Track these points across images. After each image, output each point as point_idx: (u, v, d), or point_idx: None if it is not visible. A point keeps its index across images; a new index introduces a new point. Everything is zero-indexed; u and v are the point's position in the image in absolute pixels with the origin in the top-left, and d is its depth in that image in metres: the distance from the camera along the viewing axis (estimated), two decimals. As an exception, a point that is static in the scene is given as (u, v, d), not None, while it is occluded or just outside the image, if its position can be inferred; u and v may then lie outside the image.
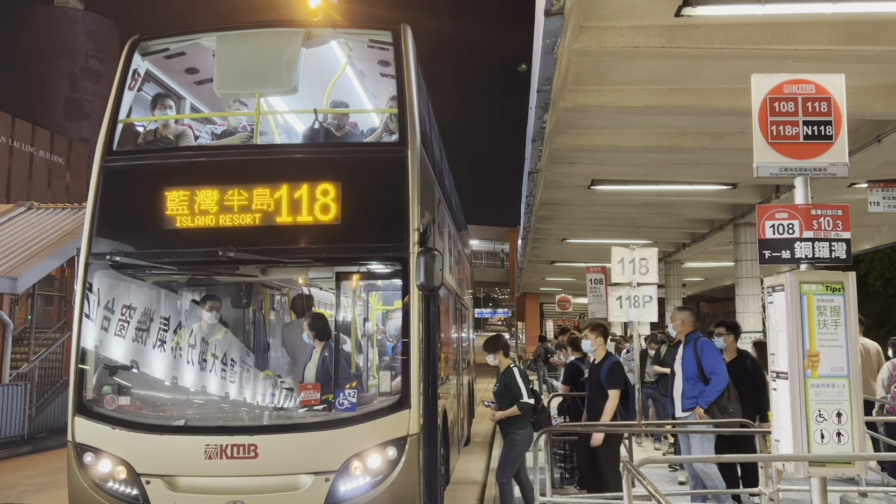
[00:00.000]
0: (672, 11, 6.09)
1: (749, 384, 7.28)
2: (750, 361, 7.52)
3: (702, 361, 6.92)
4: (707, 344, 7.09)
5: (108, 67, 48.70)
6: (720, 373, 6.86)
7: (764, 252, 4.03)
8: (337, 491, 5.53)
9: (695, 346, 6.98)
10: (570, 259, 23.77)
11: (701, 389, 6.91)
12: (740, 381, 7.24)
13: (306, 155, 6.70)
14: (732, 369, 7.29)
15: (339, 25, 7.41)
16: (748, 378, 7.32)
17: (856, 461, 3.86)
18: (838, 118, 4.05)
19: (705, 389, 6.88)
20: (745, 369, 7.38)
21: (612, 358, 7.28)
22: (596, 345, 7.33)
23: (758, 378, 7.33)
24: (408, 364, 5.78)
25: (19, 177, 39.27)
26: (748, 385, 7.27)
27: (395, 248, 5.94)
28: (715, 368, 6.88)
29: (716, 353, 7.08)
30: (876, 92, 8.20)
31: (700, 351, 6.96)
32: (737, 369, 7.33)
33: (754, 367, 7.45)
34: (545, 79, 7.05)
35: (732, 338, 7.57)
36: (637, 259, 7.37)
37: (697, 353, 6.95)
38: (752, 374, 7.37)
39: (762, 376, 7.29)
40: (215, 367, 6.46)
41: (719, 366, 6.91)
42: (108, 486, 5.70)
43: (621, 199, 14.46)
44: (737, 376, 7.24)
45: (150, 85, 7.40)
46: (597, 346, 7.33)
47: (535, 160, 10.37)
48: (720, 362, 6.97)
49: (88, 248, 6.15)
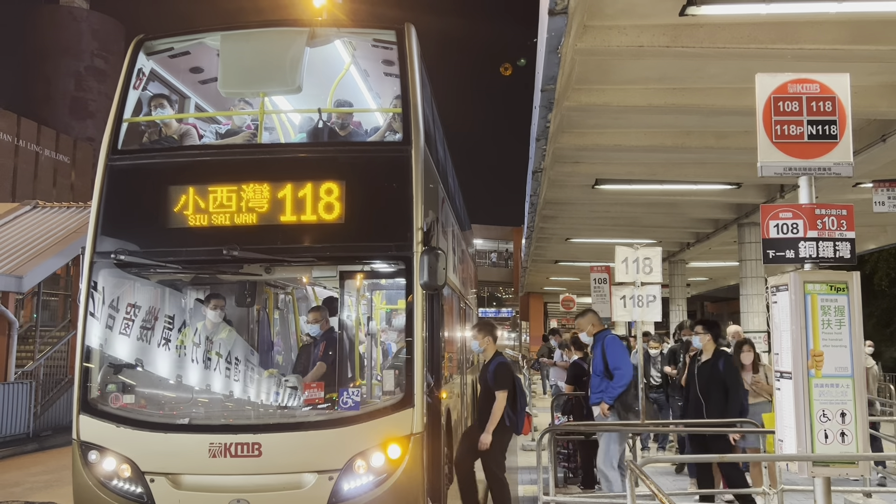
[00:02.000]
0: (676, 10, 6.08)
1: (718, 386, 7.15)
2: (724, 362, 7.31)
3: (607, 357, 7.03)
4: (613, 341, 7.17)
5: (114, 67, 48.80)
6: (623, 368, 6.95)
7: (768, 252, 4.03)
8: (340, 489, 5.53)
9: (602, 344, 7.13)
10: (574, 258, 23.75)
11: (607, 385, 7.05)
12: (710, 383, 7.21)
13: (310, 154, 6.71)
14: (703, 370, 7.33)
15: (343, 25, 7.43)
16: (718, 380, 7.17)
17: (860, 461, 3.85)
18: (843, 118, 4.04)
19: (609, 385, 7.01)
20: (716, 371, 7.22)
21: (499, 358, 7.05)
22: (484, 344, 7.10)
23: (729, 381, 7.15)
24: (411, 363, 5.79)
25: (25, 176, 39.41)
26: (717, 387, 7.15)
27: (398, 248, 5.94)
28: (618, 364, 6.97)
29: (620, 349, 7.12)
30: (881, 91, 8.18)
31: (606, 347, 7.08)
32: (706, 370, 7.30)
33: (727, 369, 7.25)
34: (549, 78, 7.04)
35: (709, 337, 7.39)
36: (641, 258, 7.35)
37: (604, 349, 7.08)
38: (722, 376, 7.18)
39: (736, 380, 7.18)
40: (219, 366, 6.48)
41: (623, 362, 6.98)
42: (112, 483, 5.72)
43: (625, 199, 14.45)
44: (707, 378, 7.25)
45: (154, 84, 7.42)
46: (485, 345, 7.10)
47: (539, 159, 10.36)
48: (624, 359, 7.04)
49: (93, 247, 6.17)
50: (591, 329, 7.46)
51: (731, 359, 7.51)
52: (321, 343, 6.80)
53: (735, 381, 7.19)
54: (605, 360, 7.08)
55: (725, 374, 7.17)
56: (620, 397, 7.06)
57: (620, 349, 7.16)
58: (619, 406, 7.08)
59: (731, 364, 7.34)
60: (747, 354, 7.78)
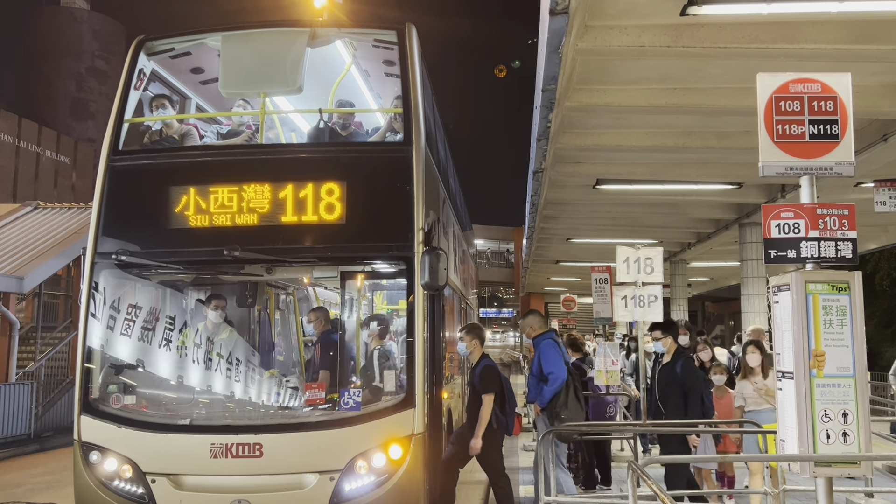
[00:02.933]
0: (677, 10, 6.08)
1: (676, 389, 7.03)
2: (682, 364, 7.09)
3: (542, 361, 6.99)
4: (548, 346, 7.08)
5: (115, 67, 48.76)
6: (556, 373, 6.88)
7: (769, 251, 4.02)
8: (342, 490, 5.53)
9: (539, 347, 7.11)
10: (575, 259, 23.75)
11: (542, 388, 7.04)
12: (668, 386, 7.14)
13: (311, 154, 6.71)
14: (662, 373, 7.27)
15: (343, 25, 7.43)
16: (676, 383, 7.03)
17: (862, 461, 3.84)
18: (844, 117, 4.03)
19: (543, 389, 6.99)
20: (675, 373, 7.07)
21: (486, 361, 7.00)
22: (471, 347, 7.05)
23: (687, 383, 6.97)
24: (412, 363, 5.78)
25: (25, 176, 39.40)
26: (676, 390, 7.03)
27: (399, 248, 5.94)
28: (550, 369, 6.91)
29: (554, 354, 7.02)
30: (882, 91, 8.17)
31: (542, 352, 7.04)
32: (665, 373, 7.22)
33: (684, 371, 7.04)
34: (550, 78, 7.03)
35: (670, 339, 7.24)
36: (642, 258, 7.34)
37: (540, 353, 7.06)
38: (680, 379, 7.01)
39: (693, 383, 6.99)
40: (220, 367, 6.48)
41: (556, 367, 6.90)
42: (113, 484, 5.72)
43: (626, 199, 14.45)
44: (665, 381, 7.19)
45: (155, 85, 7.42)
46: (472, 348, 7.04)
47: (540, 160, 10.35)
48: (556, 364, 6.94)
49: (94, 248, 6.17)
50: (533, 332, 7.33)
51: (691, 361, 7.29)
52: (317, 345, 6.81)
53: (693, 383, 6.98)
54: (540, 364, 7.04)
55: (683, 377, 7.00)
56: (549, 406, 6.96)
57: (555, 354, 7.05)
58: (547, 413, 7.00)
59: (689, 366, 7.12)
60: (753, 356, 7.44)
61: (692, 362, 7.31)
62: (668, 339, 7.26)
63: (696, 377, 7.14)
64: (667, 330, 7.33)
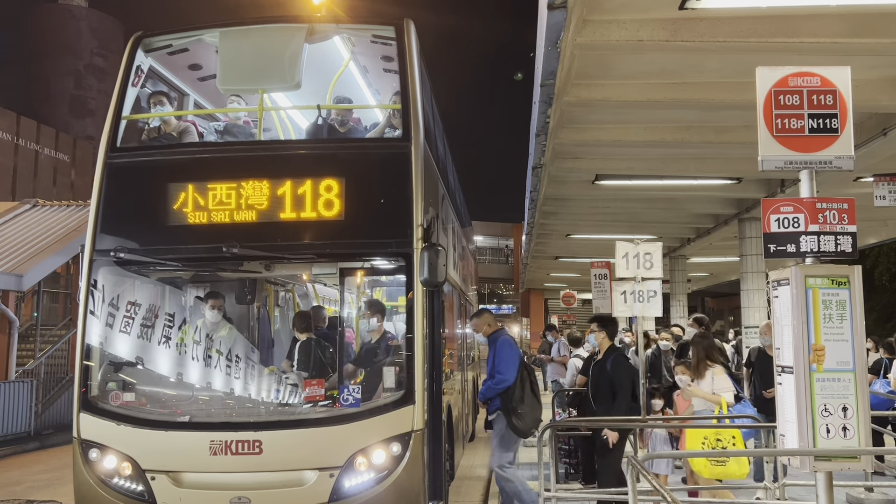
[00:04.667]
0: (676, 4, 6.05)
1: (607, 386, 6.99)
2: (612, 361, 7.05)
3: (496, 360, 7.02)
4: (504, 344, 7.10)
5: (113, 65, 48.67)
6: (503, 372, 6.90)
7: (769, 246, 4.01)
8: (342, 486, 5.53)
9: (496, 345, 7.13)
10: (575, 255, 23.72)
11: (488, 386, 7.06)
12: (599, 383, 7.12)
13: (310, 151, 6.70)
14: (595, 370, 7.25)
15: (341, 21, 7.40)
16: (607, 380, 7.00)
17: (862, 456, 3.84)
18: (844, 111, 4.02)
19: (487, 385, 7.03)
20: (604, 370, 7.05)
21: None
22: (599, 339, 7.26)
23: (616, 380, 6.92)
24: (412, 360, 5.78)
25: (24, 174, 39.39)
26: (606, 387, 7.00)
27: (398, 244, 5.93)
28: (500, 367, 6.94)
29: (510, 353, 7.03)
30: (882, 85, 8.14)
31: (497, 350, 7.07)
32: (597, 370, 7.18)
33: (614, 368, 6.99)
34: (548, 73, 7.01)
35: (604, 335, 7.19)
36: (641, 254, 7.32)
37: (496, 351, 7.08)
38: (610, 375, 6.97)
39: (621, 381, 6.92)
40: (220, 364, 6.48)
41: (506, 367, 6.92)
42: (113, 481, 5.72)
43: (626, 195, 14.41)
44: (597, 378, 7.18)
45: (153, 81, 7.40)
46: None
47: (539, 155, 10.33)
48: (509, 366, 6.94)
49: (93, 245, 6.16)
50: (488, 330, 7.36)
51: (622, 358, 7.23)
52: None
53: (622, 381, 6.93)
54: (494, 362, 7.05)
55: (612, 374, 6.96)
56: (505, 403, 6.94)
57: (511, 354, 7.06)
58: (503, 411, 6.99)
59: (619, 363, 7.07)
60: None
61: (624, 359, 7.23)
62: (602, 335, 7.24)
63: (625, 375, 7.03)
64: (603, 325, 7.30)
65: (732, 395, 7.00)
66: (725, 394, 6.91)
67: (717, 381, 6.98)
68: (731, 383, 7.15)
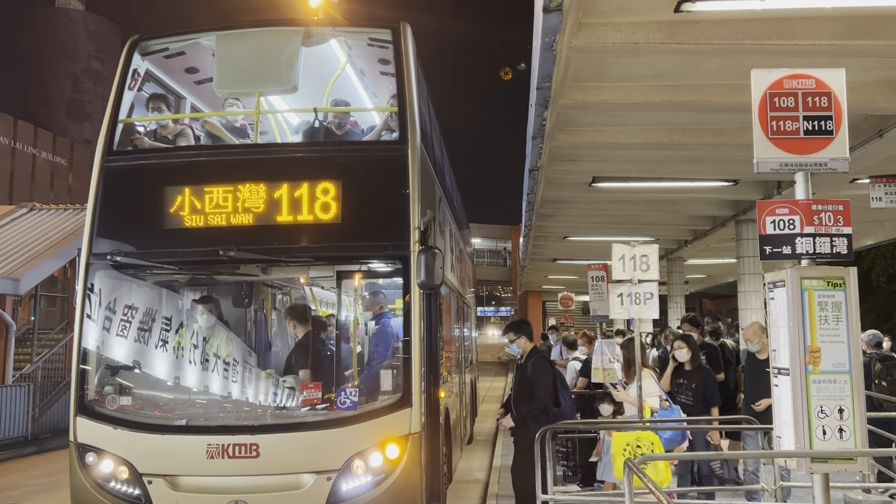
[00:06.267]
0: (671, 7, 6.07)
1: (526, 389, 6.89)
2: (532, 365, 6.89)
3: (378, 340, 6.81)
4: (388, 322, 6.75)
5: (110, 68, 48.63)
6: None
7: (765, 248, 4.01)
8: (339, 490, 5.53)
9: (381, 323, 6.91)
10: (572, 257, 23.75)
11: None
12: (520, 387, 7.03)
13: (307, 154, 6.70)
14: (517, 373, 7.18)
15: (338, 24, 7.41)
16: (526, 383, 6.89)
17: (858, 457, 3.84)
18: (839, 113, 4.03)
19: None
20: (524, 374, 6.95)
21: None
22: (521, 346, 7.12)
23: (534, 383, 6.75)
24: (409, 362, 5.78)
25: (22, 178, 39.32)
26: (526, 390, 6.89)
27: (395, 247, 5.94)
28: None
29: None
30: (877, 87, 8.17)
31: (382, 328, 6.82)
32: (518, 373, 7.09)
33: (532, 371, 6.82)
34: (544, 76, 7.03)
35: (524, 338, 7.06)
36: (638, 256, 7.32)
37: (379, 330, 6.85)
38: (529, 378, 6.86)
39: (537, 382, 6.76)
40: (217, 367, 6.46)
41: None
42: (110, 486, 5.71)
43: (622, 197, 14.43)
44: (518, 381, 7.10)
45: (150, 85, 7.40)
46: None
47: (536, 158, 10.35)
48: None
49: (89, 249, 6.16)
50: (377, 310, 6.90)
51: (542, 360, 7.06)
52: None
53: (538, 382, 6.79)
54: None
55: (531, 377, 6.86)
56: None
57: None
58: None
59: (538, 365, 6.93)
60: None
61: (543, 362, 7.04)
62: (522, 339, 7.09)
63: (542, 376, 6.87)
64: (518, 330, 7.16)
65: (658, 400, 6.96)
66: (650, 398, 6.91)
67: (644, 386, 7.00)
68: (658, 388, 7.10)
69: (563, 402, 6.87)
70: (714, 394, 7.46)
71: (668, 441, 6.78)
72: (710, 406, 7.33)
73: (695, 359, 7.44)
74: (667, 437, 6.72)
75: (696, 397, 7.45)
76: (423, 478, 5.79)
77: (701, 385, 7.43)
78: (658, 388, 7.06)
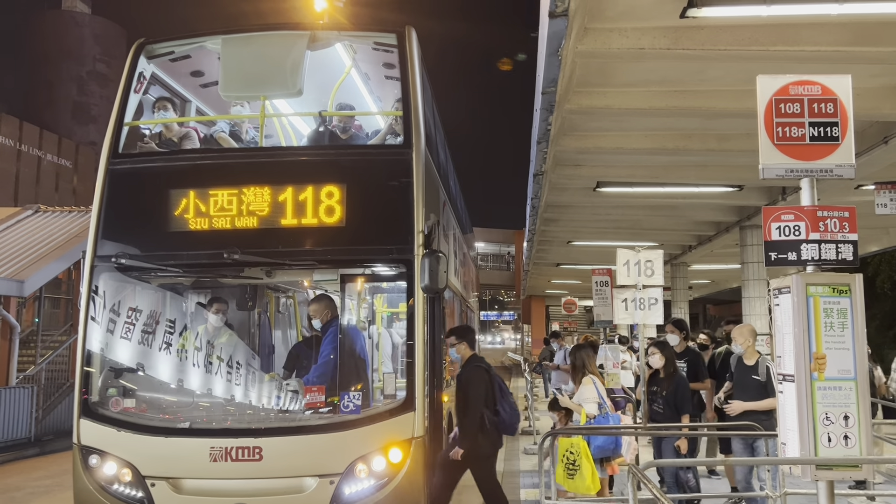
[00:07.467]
0: (677, 13, 6.07)
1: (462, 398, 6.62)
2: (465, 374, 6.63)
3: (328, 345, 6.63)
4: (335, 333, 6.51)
5: (116, 71, 48.60)
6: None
7: (770, 254, 4.00)
8: (342, 493, 5.52)
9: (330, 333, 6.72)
10: (576, 261, 23.73)
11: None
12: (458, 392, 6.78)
13: (311, 157, 6.71)
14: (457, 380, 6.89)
15: (343, 28, 7.43)
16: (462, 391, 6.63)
17: (863, 464, 3.83)
18: (844, 119, 4.02)
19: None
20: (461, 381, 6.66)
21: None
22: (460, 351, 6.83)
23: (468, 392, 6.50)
24: (413, 366, 5.78)
25: (27, 180, 39.42)
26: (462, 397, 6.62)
27: (399, 251, 5.94)
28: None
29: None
30: (883, 93, 8.15)
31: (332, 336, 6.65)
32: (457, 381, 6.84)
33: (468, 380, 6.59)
34: (550, 80, 7.03)
35: (464, 345, 6.78)
36: (643, 261, 7.32)
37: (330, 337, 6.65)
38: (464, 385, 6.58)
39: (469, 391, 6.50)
40: (220, 370, 6.47)
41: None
42: (113, 488, 5.71)
43: (627, 202, 14.43)
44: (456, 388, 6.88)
45: (155, 88, 7.42)
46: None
47: (541, 162, 10.35)
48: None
49: (94, 251, 6.17)
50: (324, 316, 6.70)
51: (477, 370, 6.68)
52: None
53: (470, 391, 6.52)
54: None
55: (465, 384, 6.61)
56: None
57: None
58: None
59: (471, 374, 6.63)
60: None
61: (478, 370, 6.70)
62: (463, 346, 6.79)
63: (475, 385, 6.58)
64: (461, 336, 6.86)
65: (595, 406, 6.90)
66: (587, 404, 6.90)
67: (582, 391, 7.00)
68: (597, 394, 7.00)
69: (501, 410, 6.54)
70: (685, 401, 7.16)
71: (598, 449, 6.73)
72: (680, 414, 7.16)
73: (668, 365, 7.24)
74: (597, 445, 6.72)
75: (667, 405, 7.23)
76: (426, 482, 5.78)
77: (671, 392, 7.24)
78: (597, 394, 6.99)
